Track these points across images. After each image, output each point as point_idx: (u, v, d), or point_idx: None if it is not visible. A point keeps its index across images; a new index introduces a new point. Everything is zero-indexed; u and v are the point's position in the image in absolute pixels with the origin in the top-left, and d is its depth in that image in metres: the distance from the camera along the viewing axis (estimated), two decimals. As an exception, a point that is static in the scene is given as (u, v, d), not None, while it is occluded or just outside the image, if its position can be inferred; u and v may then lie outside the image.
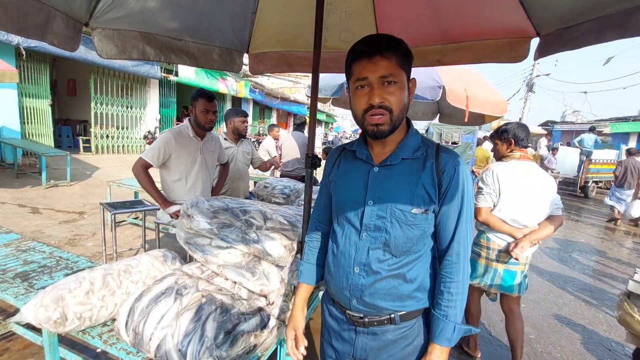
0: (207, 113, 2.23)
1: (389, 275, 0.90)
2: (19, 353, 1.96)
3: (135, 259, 1.54)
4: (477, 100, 3.29)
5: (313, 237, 1.15)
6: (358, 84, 0.88)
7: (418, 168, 0.90)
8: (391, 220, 0.89)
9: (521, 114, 19.01)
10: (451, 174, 0.88)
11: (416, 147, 0.92)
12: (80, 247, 3.62)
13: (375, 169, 0.93)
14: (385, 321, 0.93)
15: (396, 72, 0.85)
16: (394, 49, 0.85)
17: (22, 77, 6.75)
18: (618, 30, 1.01)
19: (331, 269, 1.01)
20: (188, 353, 1.07)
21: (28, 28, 1.11)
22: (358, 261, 0.92)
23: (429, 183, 0.88)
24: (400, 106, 0.87)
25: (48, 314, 1.19)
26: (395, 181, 0.90)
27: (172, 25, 1.65)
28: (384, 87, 0.85)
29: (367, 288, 0.92)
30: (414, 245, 0.91)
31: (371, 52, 0.84)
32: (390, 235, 0.89)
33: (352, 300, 0.94)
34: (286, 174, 4.46)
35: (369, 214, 0.91)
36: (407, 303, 0.92)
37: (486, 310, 3.07)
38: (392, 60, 0.84)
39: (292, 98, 16.77)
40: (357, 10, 1.74)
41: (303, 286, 1.12)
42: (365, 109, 0.87)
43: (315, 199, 2.89)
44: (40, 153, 5.81)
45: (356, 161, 0.98)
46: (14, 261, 1.82)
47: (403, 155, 0.91)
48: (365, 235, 0.92)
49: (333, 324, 1.05)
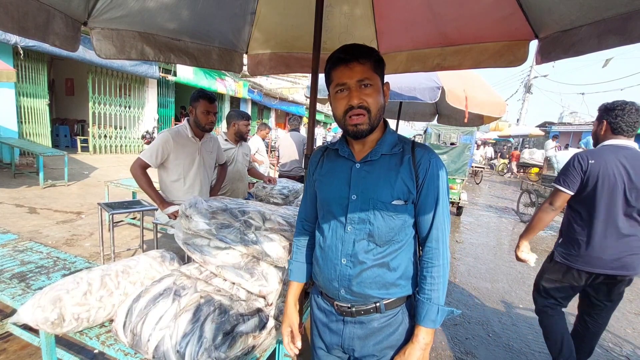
0: (208, 114, 2.23)
1: (375, 265, 0.96)
2: (16, 354, 1.95)
3: (133, 260, 1.54)
4: (477, 101, 3.30)
5: (300, 237, 1.20)
6: (338, 88, 0.95)
7: (396, 163, 0.97)
8: (374, 212, 0.95)
9: (519, 115, 19.10)
10: (426, 166, 0.95)
11: (393, 144, 1.00)
12: (77, 248, 3.60)
13: (357, 165, 1.00)
14: (372, 310, 0.99)
15: (371, 75, 0.93)
16: (367, 56, 0.93)
17: (20, 76, 6.73)
18: (618, 37, 1.02)
19: (319, 262, 1.05)
20: (186, 354, 1.07)
21: (29, 28, 1.11)
22: (345, 253, 0.98)
23: (407, 176, 0.95)
24: (377, 106, 0.94)
25: (45, 314, 1.19)
26: (376, 176, 0.97)
27: (172, 25, 1.64)
28: (361, 89, 0.92)
29: (354, 278, 0.97)
30: (396, 235, 0.97)
31: (348, 58, 0.92)
32: (374, 226, 0.95)
33: (341, 291, 0.99)
34: (284, 174, 4.46)
35: (353, 207, 0.97)
36: (392, 291, 0.98)
37: (485, 311, 3.08)
38: (367, 65, 0.92)
39: (290, 98, 16.76)
40: (357, 13, 1.74)
41: (294, 284, 1.17)
42: (345, 110, 0.94)
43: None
44: (37, 153, 5.79)
45: (339, 159, 1.05)
46: (11, 261, 1.81)
47: (382, 152, 0.98)
48: (350, 228, 0.98)
49: (321, 316, 1.10)
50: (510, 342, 2.63)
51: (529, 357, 2.47)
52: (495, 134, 19.45)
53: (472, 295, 3.41)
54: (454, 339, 2.60)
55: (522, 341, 2.66)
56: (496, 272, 4.09)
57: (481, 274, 4.00)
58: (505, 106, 3.72)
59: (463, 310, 3.05)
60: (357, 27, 1.80)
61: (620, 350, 2.64)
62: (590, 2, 1.08)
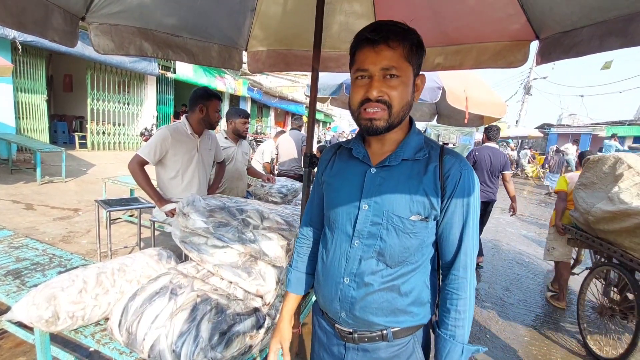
0: (218, 113, 2.31)
1: (383, 288, 0.83)
2: (11, 351, 1.94)
3: (129, 258, 1.53)
4: (477, 102, 3.30)
5: (303, 243, 1.06)
6: (358, 74, 0.80)
7: (419, 171, 0.82)
8: (387, 227, 0.81)
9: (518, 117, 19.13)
10: (457, 178, 0.79)
11: (418, 148, 0.84)
12: (74, 245, 3.58)
13: (372, 170, 0.85)
14: (377, 337, 0.85)
15: (401, 64, 0.77)
16: (401, 38, 0.76)
17: (18, 71, 6.69)
18: (620, 39, 1.01)
19: (320, 278, 0.93)
20: (182, 354, 1.06)
21: (27, 23, 1.10)
22: (349, 271, 0.84)
23: (430, 188, 0.80)
24: (401, 102, 0.78)
25: (40, 312, 1.18)
26: (394, 184, 0.82)
27: (171, 21, 1.63)
28: (385, 80, 0.77)
29: (357, 301, 0.84)
30: (411, 256, 0.83)
31: (376, 39, 0.76)
32: (386, 243, 0.81)
33: (342, 314, 0.87)
34: (284, 173, 4.45)
35: (362, 219, 0.83)
36: (402, 318, 0.84)
37: (482, 312, 3.08)
38: (398, 50, 0.76)
39: (290, 97, 16.74)
40: (357, 10, 1.73)
41: (291, 296, 1.03)
42: (362, 101, 0.79)
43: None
44: (35, 149, 5.76)
45: (352, 160, 0.90)
46: (6, 258, 1.80)
47: (403, 156, 0.83)
48: (357, 243, 0.84)
49: (322, 336, 0.97)
50: (508, 342, 2.64)
51: (527, 357, 2.47)
52: (494, 135, 19.47)
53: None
54: (452, 339, 2.60)
55: (520, 342, 2.66)
56: (494, 274, 4.10)
57: (479, 275, 4.01)
58: (505, 107, 3.73)
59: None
60: (358, 24, 1.79)
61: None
62: (592, 3, 1.07)
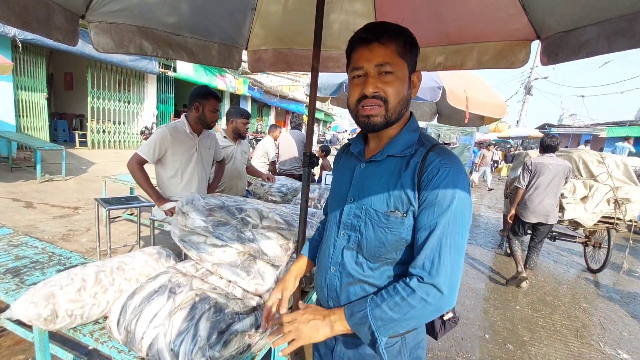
0: (215, 112, 2.29)
1: (361, 280, 0.84)
2: (9, 349, 1.94)
3: (128, 256, 1.52)
4: (477, 102, 3.30)
5: (322, 224, 1.16)
6: (354, 73, 0.83)
7: (402, 167, 0.81)
8: (365, 220, 0.84)
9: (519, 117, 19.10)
10: (433, 173, 0.76)
11: (408, 145, 0.83)
12: (74, 243, 3.58)
13: (362, 165, 0.89)
14: None
15: (395, 60, 0.79)
16: (393, 36, 0.78)
17: (18, 69, 6.69)
18: (627, 40, 0.99)
19: (316, 263, 1.00)
20: (180, 353, 1.06)
21: (30, 22, 1.10)
22: (334, 260, 0.89)
23: (408, 183, 0.78)
24: (397, 98, 0.80)
25: (38, 310, 1.17)
26: (377, 179, 0.84)
27: (171, 20, 1.62)
28: (380, 76, 0.79)
29: (341, 290, 0.87)
30: (388, 252, 0.81)
31: (369, 38, 0.79)
32: (363, 236, 0.84)
33: (329, 302, 0.90)
34: (284, 172, 4.44)
35: (347, 211, 0.88)
36: None
37: (481, 311, 3.08)
38: (391, 47, 0.78)
39: (290, 96, 16.73)
40: (358, 10, 1.73)
41: (302, 257, 1.10)
42: (359, 99, 0.81)
43: (313, 198, 2.86)
44: (35, 147, 5.76)
45: (350, 156, 0.96)
46: (6, 256, 1.80)
47: (389, 152, 0.84)
48: (342, 233, 0.89)
49: None
50: (506, 342, 2.64)
51: (525, 357, 2.47)
52: (494, 135, 19.46)
53: (469, 295, 3.42)
54: (450, 339, 2.60)
55: (519, 341, 2.66)
56: (492, 273, 4.10)
57: (477, 274, 4.01)
58: (505, 107, 3.72)
59: (461, 311, 3.04)
60: (358, 24, 1.78)
61: (615, 353, 2.65)
62: (593, 3, 1.07)
